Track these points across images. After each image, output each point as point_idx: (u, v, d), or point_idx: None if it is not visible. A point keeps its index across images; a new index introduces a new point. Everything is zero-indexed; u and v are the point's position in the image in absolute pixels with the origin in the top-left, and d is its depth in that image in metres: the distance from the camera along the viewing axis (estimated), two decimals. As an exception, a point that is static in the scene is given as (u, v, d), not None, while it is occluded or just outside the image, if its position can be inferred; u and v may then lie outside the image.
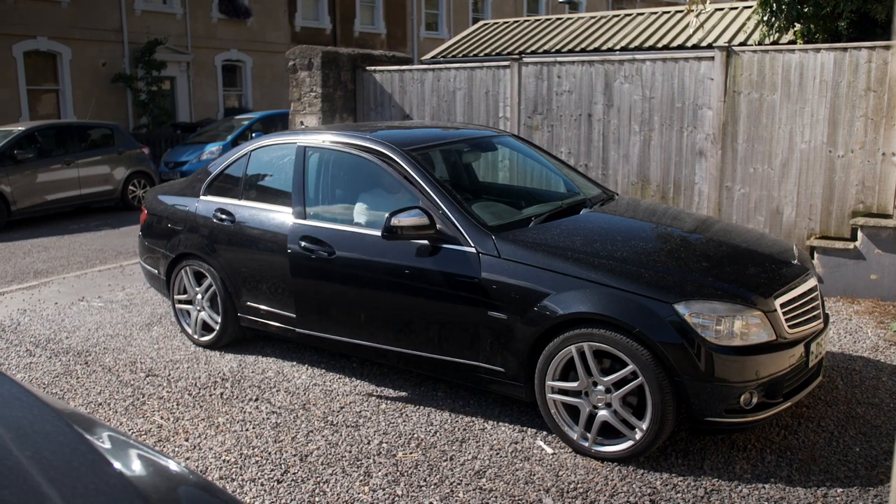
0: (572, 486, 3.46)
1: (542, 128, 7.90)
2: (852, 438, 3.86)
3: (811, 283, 3.99)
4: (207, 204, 5.37)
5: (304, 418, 4.24)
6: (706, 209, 7.01)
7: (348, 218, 4.63)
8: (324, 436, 4.02)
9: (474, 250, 3.98)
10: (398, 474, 3.60)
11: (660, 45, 11.75)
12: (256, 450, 3.89)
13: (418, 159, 4.48)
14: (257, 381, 4.82)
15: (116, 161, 13.02)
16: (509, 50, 13.04)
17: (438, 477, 3.57)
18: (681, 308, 3.45)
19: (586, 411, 3.68)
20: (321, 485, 3.53)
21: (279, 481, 3.57)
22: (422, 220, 4.04)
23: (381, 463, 3.71)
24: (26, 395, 1.83)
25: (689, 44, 11.40)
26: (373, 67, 9.12)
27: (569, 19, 14.28)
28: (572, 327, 3.63)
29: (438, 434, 4.01)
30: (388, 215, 4.07)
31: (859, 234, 6.26)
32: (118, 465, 1.59)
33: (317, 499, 3.42)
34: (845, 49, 6.34)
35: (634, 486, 3.45)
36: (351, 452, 3.83)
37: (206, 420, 4.27)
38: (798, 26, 7.93)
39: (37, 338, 5.83)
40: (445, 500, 3.37)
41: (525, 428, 4.05)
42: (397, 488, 3.48)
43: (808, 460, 3.64)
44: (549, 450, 3.81)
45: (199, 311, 5.45)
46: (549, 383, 3.75)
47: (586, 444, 3.69)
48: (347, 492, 3.46)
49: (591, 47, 12.33)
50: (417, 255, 4.15)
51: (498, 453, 3.78)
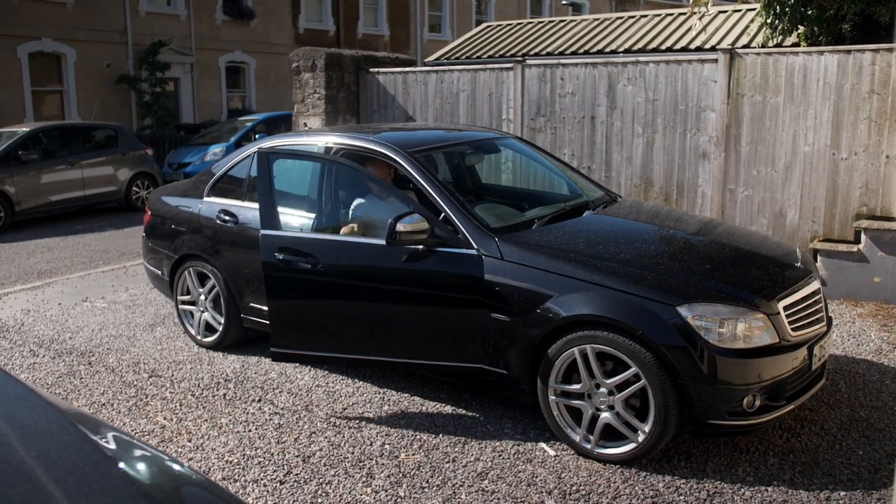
0: (574, 488, 3.46)
1: (546, 130, 7.90)
2: (855, 441, 3.85)
3: (814, 285, 3.98)
4: (211, 205, 5.38)
5: (307, 419, 4.25)
6: (709, 211, 7.01)
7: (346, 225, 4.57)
8: (326, 437, 4.03)
9: (477, 252, 3.98)
10: (401, 476, 3.60)
11: (663, 48, 11.75)
12: (259, 450, 3.90)
13: (421, 161, 4.47)
14: (260, 381, 4.83)
15: (120, 162, 13.06)
16: (512, 52, 13.05)
17: (441, 478, 3.57)
18: (684, 310, 3.45)
19: (589, 413, 3.68)
20: (324, 486, 3.54)
21: (282, 482, 3.58)
22: (423, 225, 3.96)
23: (383, 464, 3.72)
24: (31, 395, 1.84)
25: (693, 46, 11.39)
26: (376, 69, 9.13)
27: (572, 21, 14.28)
28: (575, 329, 3.63)
29: (441, 436, 4.01)
30: (392, 221, 3.94)
31: (863, 236, 6.25)
32: (123, 465, 1.60)
33: (319, 500, 3.43)
34: (849, 51, 6.33)
35: (637, 488, 3.45)
36: (353, 454, 3.83)
37: (209, 421, 4.28)
38: (801, 29, 7.93)
39: (40, 338, 5.84)
40: (448, 502, 3.38)
41: (528, 430, 4.05)
42: (400, 490, 3.48)
43: (811, 463, 3.64)
44: (552, 452, 3.81)
45: (203, 312, 5.46)
46: (551, 385, 3.75)
47: (589, 447, 3.69)
48: (350, 493, 3.47)
49: (595, 49, 12.33)
50: (420, 259, 4.05)
51: (501, 455, 3.79)
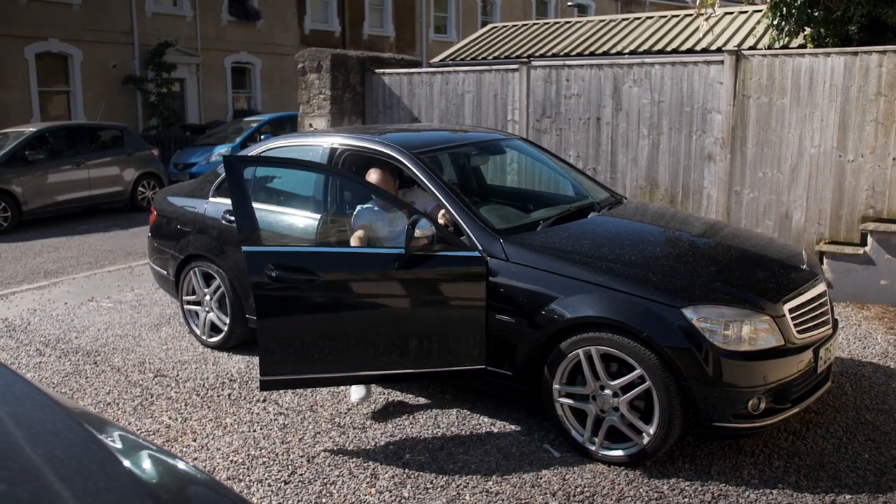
0: (579, 489, 3.46)
1: (551, 131, 7.89)
2: (861, 444, 3.84)
3: (820, 288, 3.97)
4: (216, 205, 5.39)
5: (312, 420, 4.25)
6: (715, 213, 7.00)
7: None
8: (331, 437, 4.03)
9: (481, 254, 3.97)
10: (405, 476, 3.60)
11: (669, 49, 11.73)
12: (264, 451, 3.90)
13: (426, 162, 4.46)
14: (265, 382, 4.83)
15: (126, 162, 13.09)
16: (518, 53, 13.04)
17: (445, 479, 3.57)
18: (689, 312, 3.44)
19: (593, 415, 3.68)
20: (328, 486, 3.54)
21: (286, 482, 3.58)
22: (432, 229, 3.89)
23: (387, 465, 3.72)
24: (38, 394, 1.85)
25: (699, 48, 11.37)
26: (382, 70, 9.14)
27: (577, 22, 14.27)
28: (580, 331, 3.63)
29: (445, 436, 4.01)
30: (409, 227, 3.83)
31: (869, 239, 6.23)
32: (128, 465, 1.60)
33: (323, 500, 3.43)
34: (856, 53, 6.31)
35: (641, 490, 3.44)
36: (358, 454, 3.84)
37: (214, 421, 4.29)
38: (808, 30, 7.91)
39: (46, 337, 5.86)
40: (452, 503, 3.38)
41: (532, 431, 4.05)
42: (404, 490, 3.48)
43: (816, 466, 3.63)
44: (556, 453, 3.80)
45: (208, 312, 5.47)
46: (556, 387, 3.74)
47: (593, 448, 3.69)
48: (354, 493, 3.47)
49: (600, 51, 12.32)
50: (426, 264, 3.91)
51: (505, 456, 3.78)
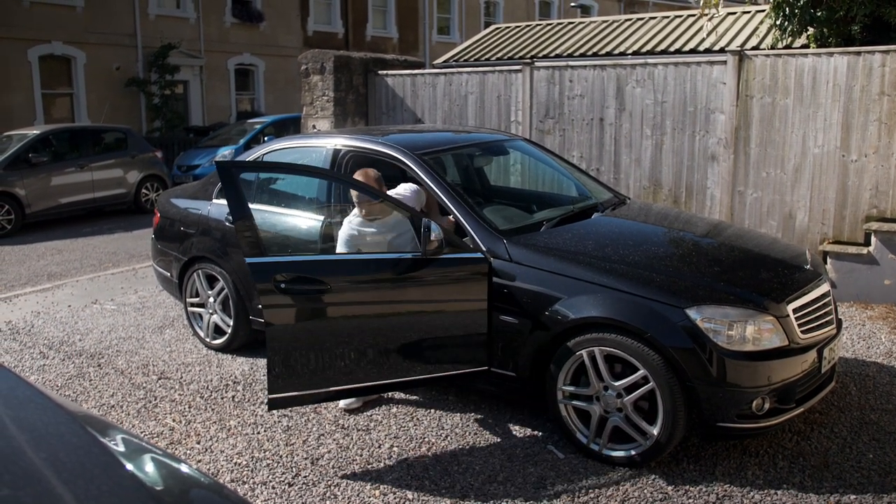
0: (583, 490, 3.45)
1: (554, 132, 7.89)
2: (865, 444, 3.83)
3: (824, 288, 3.96)
4: (220, 207, 5.39)
5: (315, 422, 4.25)
6: (718, 213, 6.98)
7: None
8: (335, 439, 4.03)
9: (485, 255, 3.97)
10: (409, 478, 3.60)
11: (672, 50, 11.72)
12: (268, 453, 3.90)
13: (430, 163, 4.46)
14: (269, 384, 4.83)
15: (129, 164, 13.11)
16: (521, 54, 13.04)
17: (449, 481, 3.57)
18: (692, 313, 3.43)
19: (597, 416, 3.68)
20: (332, 488, 3.54)
21: (290, 484, 3.58)
22: (441, 234, 3.85)
23: (391, 467, 3.72)
24: (41, 397, 1.85)
25: (702, 48, 11.35)
26: (385, 71, 9.14)
27: (581, 23, 14.26)
28: (584, 332, 3.63)
29: (449, 438, 4.01)
30: (425, 232, 3.75)
31: (873, 238, 6.22)
32: (131, 468, 1.60)
33: (328, 502, 3.43)
34: (859, 53, 6.30)
35: (645, 491, 3.43)
36: (362, 456, 3.83)
37: (218, 423, 4.29)
38: (811, 30, 7.90)
39: (50, 340, 5.87)
40: (456, 505, 3.38)
41: (536, 432, 4.04)
42: (408, 492, 3.48)
43: (820, 466, 3.62)
44: (561, 454, 3.80)
45: (211, 314, 5.47)
46: (560, 388, 3.74)
47: (597, 449, 3.69)
48: (358, 495, 3.47)
49: (604, 51, 12.31)
50: (428, 266, 3.87)
51: (509, 458, 3.78)
